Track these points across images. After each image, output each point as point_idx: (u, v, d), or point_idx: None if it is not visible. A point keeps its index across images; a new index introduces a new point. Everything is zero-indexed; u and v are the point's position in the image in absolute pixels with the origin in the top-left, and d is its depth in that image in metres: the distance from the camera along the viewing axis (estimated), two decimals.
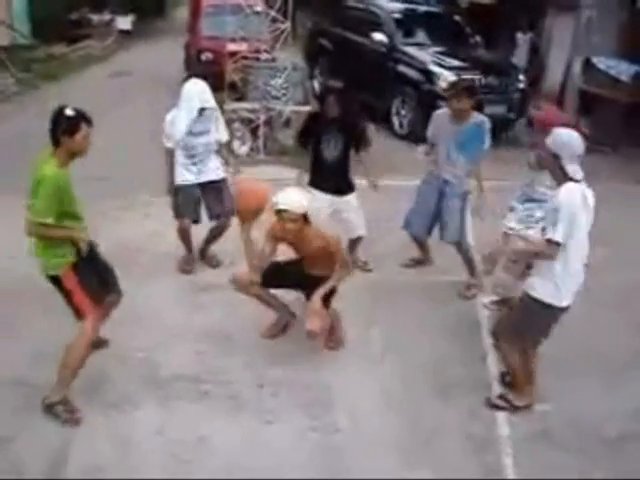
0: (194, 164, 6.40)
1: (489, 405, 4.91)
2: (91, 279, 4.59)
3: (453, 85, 6.49)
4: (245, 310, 5.72)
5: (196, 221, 6.55)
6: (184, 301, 6.13)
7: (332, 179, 6.46)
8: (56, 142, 4.32)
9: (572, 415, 4.86)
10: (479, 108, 6.20)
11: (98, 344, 4.92)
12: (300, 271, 5.40)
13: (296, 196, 5.04)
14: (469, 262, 6.49)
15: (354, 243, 6.83)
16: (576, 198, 4.26)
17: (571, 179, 4.27)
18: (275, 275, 5.40)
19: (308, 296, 5.32)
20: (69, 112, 4.29)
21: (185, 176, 6.41)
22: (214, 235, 6.70)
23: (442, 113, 6.30)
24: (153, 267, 6.67)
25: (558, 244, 4.25)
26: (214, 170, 6.51)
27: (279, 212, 4.98)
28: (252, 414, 4.73)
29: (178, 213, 6.52)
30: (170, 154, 6.37)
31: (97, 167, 8.77)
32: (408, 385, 5.14)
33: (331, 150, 6.37)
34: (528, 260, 4.90)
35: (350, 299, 6.23)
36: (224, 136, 6.67)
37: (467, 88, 6.09)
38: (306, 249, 5.24)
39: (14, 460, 4.21)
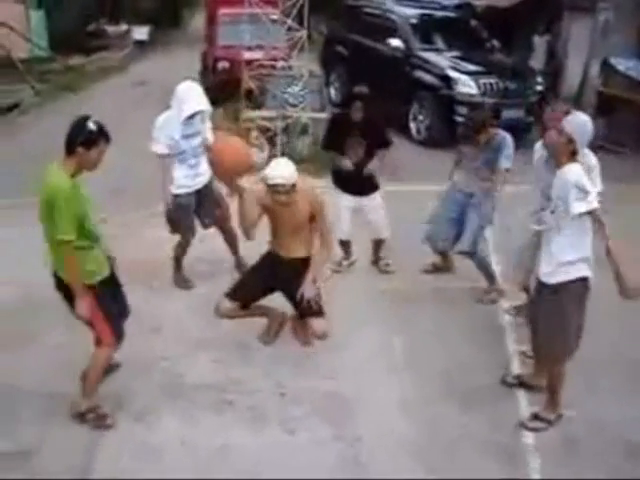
0: (190, 168, 6.18)
1: (522, 427, 4.73)
2: (112, 307, 4.52)
3: (472, 120, 6.40)
4: (265, 319, 5.69)
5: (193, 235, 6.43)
6: (205, 311, 6.10)
7: (356, 181, 6.53)
8: (71, 150, 4.17)
9: (598, 422, 4.79)
10: (497, 114, 6.17)
11: (110, 369, 4.89)
12: (277, 268, 5.35)
13: (286, 167, 5.02)
14: (484, 270, 6.45)
15: (377, 245, 6.90)
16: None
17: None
18: (251, 288, 5.38)
19: (295, 303, 5.33)
20: (92, 125, 4.17)
21: (181, 185, 6.20)
22: (234, 246, 6.64)
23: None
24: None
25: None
26: (207, 172, 6.28)
27: (271, 186, 4.97)
28: (274, 423, 4.71)
29: (178, 228, 6.34)
30: (164, 159, 6.11)
31: (117, 179, 8.86)
32: (430, 393, 5.10)
33: (355, 152, 6.43)
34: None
35: (370, 305, 6.21)
36: (210, 135, 6.30)
37: (485, 121, 6.03)
38: (294, 214, 5.18)
39: (38, 471, 4.21)
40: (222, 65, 13.31)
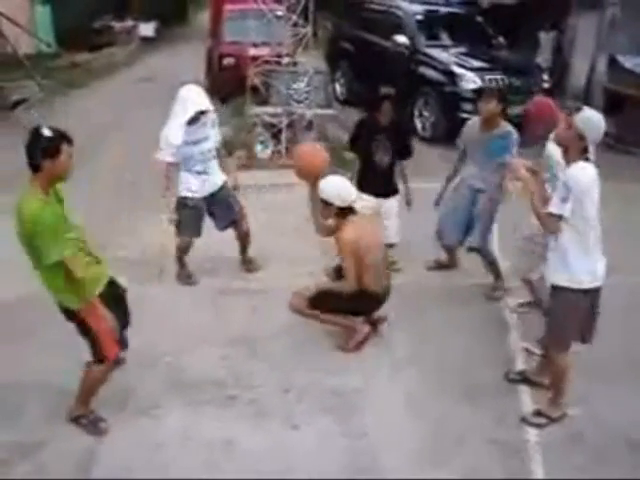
0: (198, 174, 6.17)
1: (524, 422, 4.74)
2: (114, 318, 4.34)
3: (483, 89, 6.54)
4: (270, 314, 5.71)
5: (197, 236, 6.40)
6: (210, 306, 6.14)
7: (380, 183, 6.60)
8: (35, 167, 3.88)
9: (603, 420, 4.77)
10: (504, 109, 6.16)
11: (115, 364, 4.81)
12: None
13: (329, 182, 5.24)
14: (492, 266, 6.44)
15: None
16: (590, 176, 4.21)
17: (586, 159, 4.25)
18: (328, 300, 5.40)
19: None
20: (47, 132, 3.87)
21: (189, 189, 6.20)
22: (244, 244, 6.69)
23: (472, 122, 6.31)
24: None
25: (560, 217, 4.19)
26: (218, 177, 6.34)
27: None
28: (278, 419, 4.72)
29: (180, 230, 6.35)
30: (169, 167, 6.09)
31: (123, 175, 8.88)
32: (435, 389, 5.10)
33: (382, 155, 6.49)
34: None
35: None
36: (218, 137, 6.40)
37: (497, 91, 6.18)
38: (336, 240, 5.33)
39: (43, 465, 4.24)
40: (227, 61, 13.30)
